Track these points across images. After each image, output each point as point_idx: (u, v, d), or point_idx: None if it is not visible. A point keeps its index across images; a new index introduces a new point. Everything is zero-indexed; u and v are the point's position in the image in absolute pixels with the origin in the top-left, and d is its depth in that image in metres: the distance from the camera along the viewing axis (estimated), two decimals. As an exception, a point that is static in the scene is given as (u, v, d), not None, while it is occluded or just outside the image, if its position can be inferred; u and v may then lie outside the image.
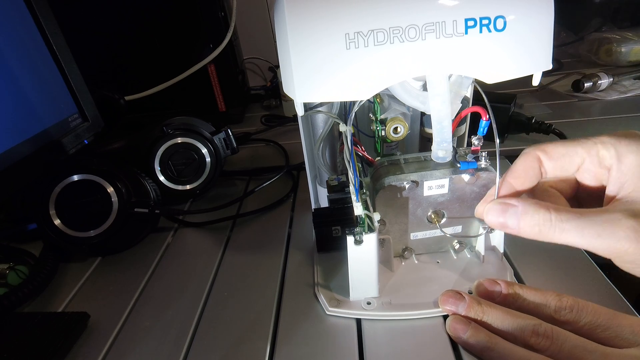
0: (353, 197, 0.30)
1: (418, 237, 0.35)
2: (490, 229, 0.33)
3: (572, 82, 0.72)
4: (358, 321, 0.32)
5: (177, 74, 0.72)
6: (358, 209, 0.30)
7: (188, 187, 0.51)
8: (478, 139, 0.30)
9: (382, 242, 0.34)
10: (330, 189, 0.35)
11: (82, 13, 0.68)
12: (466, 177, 0.31)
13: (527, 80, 0.29)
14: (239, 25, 0.80)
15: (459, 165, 0.31)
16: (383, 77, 0.26)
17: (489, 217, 0.28)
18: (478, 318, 0.28)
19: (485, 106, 0.28)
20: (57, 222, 0.41)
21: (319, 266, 0.37)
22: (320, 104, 0.34)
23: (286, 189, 0.52)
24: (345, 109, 0.37)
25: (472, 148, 0.31)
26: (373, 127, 0.36)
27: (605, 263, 0.28)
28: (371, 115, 0.37)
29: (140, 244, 0.45)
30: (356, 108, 0.31)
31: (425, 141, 0.40)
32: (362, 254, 0.30)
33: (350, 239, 0.29)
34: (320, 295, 0.34)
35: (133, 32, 0.70)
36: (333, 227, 0.36)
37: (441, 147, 0.29)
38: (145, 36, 0.70)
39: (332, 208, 0.35)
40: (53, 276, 0.41)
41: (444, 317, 0.30)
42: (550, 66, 0.28)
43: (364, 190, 0.33)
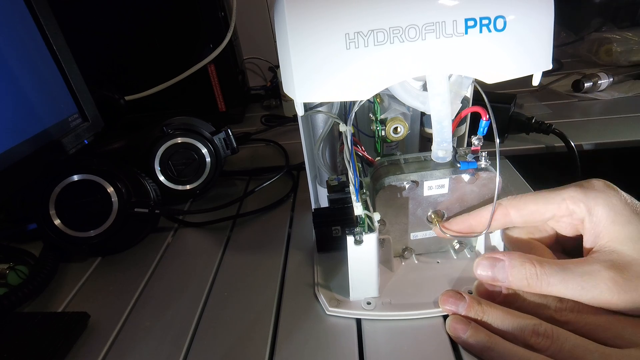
0: (353, 197, 0.30)
1: (418, 237, 0.35)
2: (490, 229, 0.33)
3: (572, 82, 0.72)
4: (358, 321, 0.32)
5: (177, 74, 0.72)
6: (358, 209, 0.30)
7: (188, 187, 0.51)
8: (478, 139, 0.30)
9: (382, 242, 0.34)
10: (330, 189, 0.35)
11: (82, 13, 0.68)
12: (466, 177, 0.31)
13: (527, 80, 0.29)
14: (239, 25, 0.80)
15: (459, 165, 0.31)
16: (383, 77, 0.26)
17: (479, 272, 0.30)
18: (478, 318, 0.28)
19: (485, 106, 0.28)
20: (57, 222, 0.41)
21: (319, 266, 0.37)
22: (320, 104, 0.34)
23: (286, 189, 0.52)
24: (345, 109, 0.36)
25: (472, 148, 0.31)
26: (373, 127, 0.36)
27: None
28: (371, 115, 0.37)
29: (140, 244, 0.45)
30: (356, 108, 0.31)
31: (425, 141, 0.40)
32: (362, 254, 0.30)
33: (350, 239, 0.29)
34: (320, 295, 0.34)
35: (133, 32, 0.70)
36: (333, 227, 0.36)
37: (441, 147, 0.29)
38: (145, 36, 0.70)
39: (332, 208, 0.35)
40: (53, 276, 0.41)
41: (444, 317, 0.30)
42: (550, 66, 0.28)
43: (364, 190, 0.33)
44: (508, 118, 0.55)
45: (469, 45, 0.25)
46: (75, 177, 0.41)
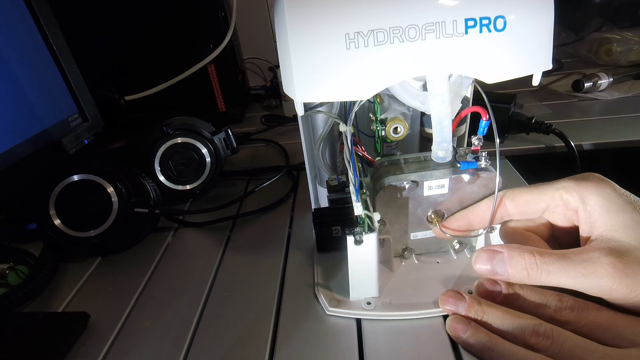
0: (353, 197, 0.30)
1: (418, 237, 0.35)
2: (490, 229, 0.33)
3: (572, 82, 0.72)
4: (358, 321, 0.32)
5: (177, 74, 0.72)
6: (358, 209, 0.30)
7: (188, 187, 0.51)
8: (478, 139, 0.30)
9: (382, 242, 0.34)
10: (330, 189, 0.35)
11: (82, 13, 0.68)
12: (466, 177, 0.31)
13: (527, 80, 0.29)
14: (239, 25, 0.80)
15: (459, 165, 0.31)
16: (383, 77, 0.26)
17: (478, 266, 0.30)
18: (478, 318, 0.28)
19: (485, 106, 0.28)
20: (57, 222, 0.41)
21: (319, 266, 0.37)
22: (320, 104, 0.34)
23: (286, 189, 0.52)
24: (345, 109, 0.36)
25: (472, 148, 0.31)
26: (373, 127, 0.36)
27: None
28: (371, 115, 0.37)
29: (140, 244, 0.45)
30: (356, 108, 0.31)
31: (425, 141, 0.40)
32: (362, 254, 0.30)
33: (350, 239, 0.29)
34: (320, 295, 0.34)
35: (133, 32, 0.70)
36: (333, 227, 0.36)
37: (441, 147, 0.29)
38: (145, 36, 0.70)
39: (332, 208, 0.35)
40: (53, 276, 0.41)
41: (444, 317, 0.30)
42: (550, 66, 0.28)
43: (364, 190, 0.33)
44: (508, 118, 0.55)
45: (469, 45, 0.25)
46: (75, 177, 0.41)
